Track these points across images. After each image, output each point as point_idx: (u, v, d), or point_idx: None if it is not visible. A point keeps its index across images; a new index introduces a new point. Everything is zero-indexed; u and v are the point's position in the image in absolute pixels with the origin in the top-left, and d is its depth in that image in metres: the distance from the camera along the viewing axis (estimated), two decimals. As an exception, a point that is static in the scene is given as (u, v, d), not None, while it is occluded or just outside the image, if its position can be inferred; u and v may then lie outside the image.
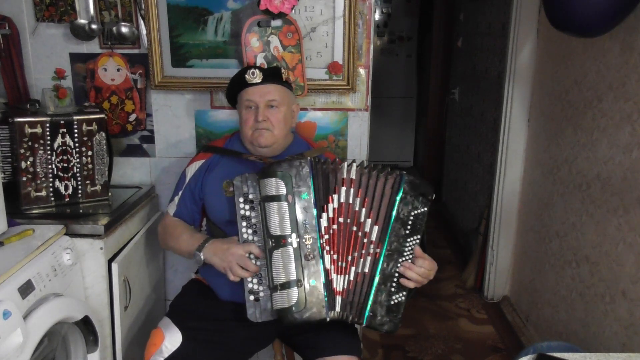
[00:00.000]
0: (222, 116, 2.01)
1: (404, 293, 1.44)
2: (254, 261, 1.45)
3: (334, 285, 1.43)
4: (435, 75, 4.93)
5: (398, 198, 1.40)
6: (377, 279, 1.41)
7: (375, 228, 1.42)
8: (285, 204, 1.40)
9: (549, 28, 2.21)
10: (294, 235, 1.40)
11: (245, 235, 1.47)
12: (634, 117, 1.72)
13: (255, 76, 1.60)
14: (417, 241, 1.44)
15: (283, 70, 1.69)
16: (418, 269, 1.42)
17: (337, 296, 1.43)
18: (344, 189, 1.42)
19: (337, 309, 1.43)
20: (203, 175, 1.68)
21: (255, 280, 1.46)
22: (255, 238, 1.46)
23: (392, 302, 1.43)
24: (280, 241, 1.40)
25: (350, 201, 1.42)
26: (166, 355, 1.48)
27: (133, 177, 2.11)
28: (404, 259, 1.43)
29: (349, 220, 1.43)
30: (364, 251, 1.43)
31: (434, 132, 5.04)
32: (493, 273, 2.92)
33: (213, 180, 1.66)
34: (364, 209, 1.42)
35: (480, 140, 3.38)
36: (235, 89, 1.66)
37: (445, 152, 4.54)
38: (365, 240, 1.42)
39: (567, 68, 2.23)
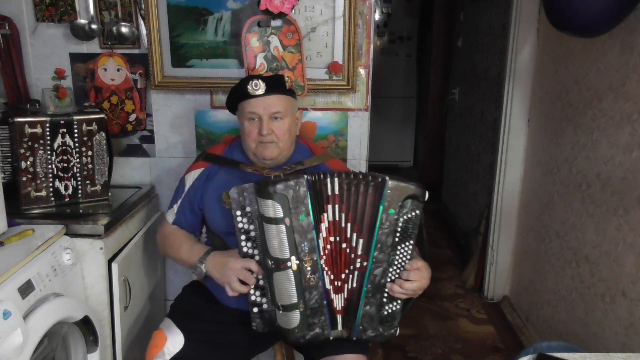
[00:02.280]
0: (222, 116, 2.01)
1: (398, 302, 1.42)
2: (254, 275, 1.42)
3: (334, 305, 1.41)
4: (435, 75, 4.93)
5: (381, 208, 1.35)
6: (364, 292, 1.39)
7: (361, 241, 1.38)
8: (283, 227, 1.33)
9: (549, 28, 2.21)
10: (293, 259, 1.34)
11: (245, 249, 1.43)
12: (634, 117, 1.72)
13: (258, 88, 1.52)
14: (410, 247, 1.39)
15: (286, 78, 1.57)
16: (408, 284, 1.38)
17: (338, 315, 1.42)
18: (330, 206, 1.37)
19: (339, 327, 1.43)
20: (202, 185, 1.64)
21: (258, 293, 1.44)
22: (255, 251, 1.42)
23: (385, 313, 1.41)
24: (280, 265, 1.35)
25: (337, 218, 1.38)
26: (168, 357, 1.47)
27: (133, 177, 2.11)
28: (395, 268, 1.39)
29: (338, 238, 1.38)
30: (351, 266, 1.39)
31: (434, 132, 5.04)
32: (493, 273, 2.92)
33: (212, 191, 1.62)
34: (349, 224, 1.37)
35: (480, 140, 3.38)
36: (236, 99, 1.59)
37: (445, 152, 4.54)
38: (352, 255, 1.39)
39: (567, 68, 2.23)
